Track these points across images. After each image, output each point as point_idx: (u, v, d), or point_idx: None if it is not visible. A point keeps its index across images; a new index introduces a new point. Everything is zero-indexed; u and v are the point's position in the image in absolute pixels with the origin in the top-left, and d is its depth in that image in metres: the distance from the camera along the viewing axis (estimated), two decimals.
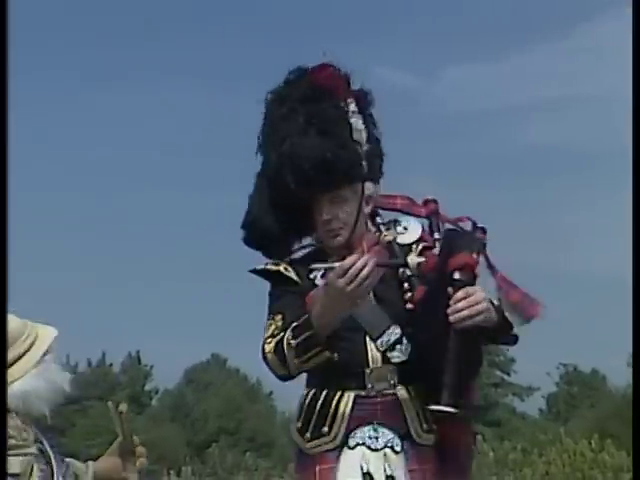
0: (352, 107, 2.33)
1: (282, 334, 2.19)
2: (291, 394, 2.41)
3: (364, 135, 2.33)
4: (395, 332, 2.24)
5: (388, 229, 2.41)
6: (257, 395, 35.92)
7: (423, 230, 2.42)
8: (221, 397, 31.87)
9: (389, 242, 2.36)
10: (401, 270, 2.28)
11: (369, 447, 2.18)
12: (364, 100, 2.38)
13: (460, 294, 2.06)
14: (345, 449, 2.20)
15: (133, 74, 46.45)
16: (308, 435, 2.25)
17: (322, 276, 2.27)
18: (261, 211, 2.36)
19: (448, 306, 2.07)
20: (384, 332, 2.24)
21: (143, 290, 44.11)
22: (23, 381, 2.32)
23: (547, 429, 18.56)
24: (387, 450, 2.19)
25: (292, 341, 2.15)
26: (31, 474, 2.26)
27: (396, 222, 2.43)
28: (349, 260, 2.03)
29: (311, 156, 2.23)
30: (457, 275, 2.10)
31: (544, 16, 46.21)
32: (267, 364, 2.22)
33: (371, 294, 2.21)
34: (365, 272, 2.02)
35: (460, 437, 2.32)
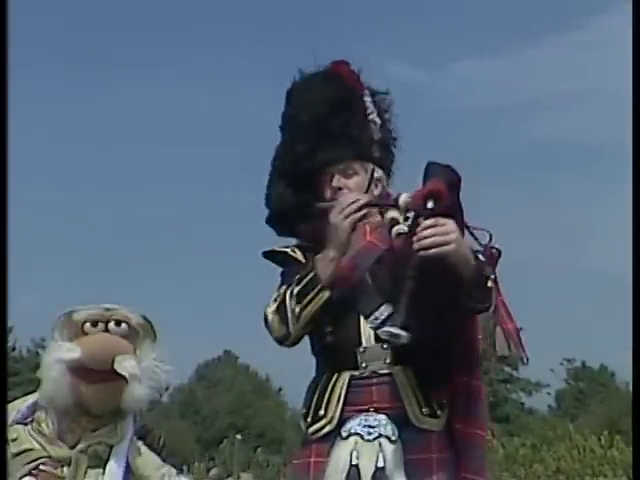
0: (368, 99, 2.40)
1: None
2: (301, 390, 2.43)
3: (378, 122, 2.38)
4: (387, 310, 2.17)
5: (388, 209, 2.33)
6: (267, 391, 35.96)
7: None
8: (232, 394, 31.90)
9: (392, 219, 2.27)
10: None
11: (362, 437, 2.13)
12: (376, 97, 2.43)
13: (429, 222, 2.01)
14: (338, 440, 2.16)
15: (133, 71, 46.52)
16: (309, 420, 2.26)
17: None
18: (277, 187, 2.40)
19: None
20: (376, 309, 2.20)
21: (154, 287, 44.26)
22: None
23: (556, 425, 18.57)
24: (382, 440, 2.13)
25: (295, 288, 2.22)
26: None
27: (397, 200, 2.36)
28: (344, 198, 2.23)
29: (324, 126, 2.30)
30: (430, 204, 2.02)
31: (552, 11, 46.21)
32: (267, 327, 2.26)
33: (366, 274, 2.21)
34: (355, 206, 2.21)
35: (468, 430, 2.21)
